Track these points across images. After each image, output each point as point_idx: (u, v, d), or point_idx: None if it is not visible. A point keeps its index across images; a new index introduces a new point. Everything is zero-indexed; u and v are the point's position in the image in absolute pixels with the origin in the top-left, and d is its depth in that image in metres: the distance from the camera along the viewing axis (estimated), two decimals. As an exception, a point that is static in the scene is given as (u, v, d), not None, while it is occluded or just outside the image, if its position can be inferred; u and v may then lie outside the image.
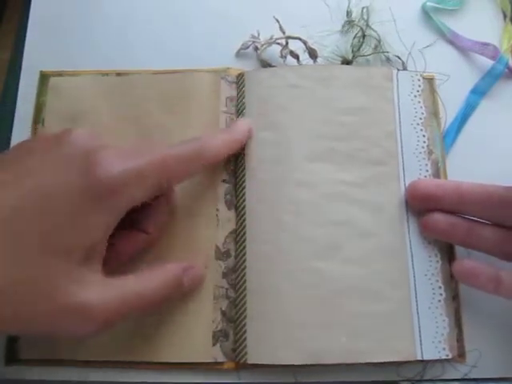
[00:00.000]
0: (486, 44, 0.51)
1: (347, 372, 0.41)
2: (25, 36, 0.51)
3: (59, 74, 0.49)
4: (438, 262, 0.43)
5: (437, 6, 0.53)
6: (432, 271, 0.43)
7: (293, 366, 0.40)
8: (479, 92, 0.50)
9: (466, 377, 0.42)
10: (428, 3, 0.53)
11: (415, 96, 0.47)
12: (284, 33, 0.49)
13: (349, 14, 0.52)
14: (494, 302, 0.43)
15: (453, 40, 0.52)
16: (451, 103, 0.49)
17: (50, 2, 0.52)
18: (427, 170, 0.45)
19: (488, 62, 0.51)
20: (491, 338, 0.43)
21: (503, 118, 0.49)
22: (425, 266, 0.43)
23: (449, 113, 0.48)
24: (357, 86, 0.47)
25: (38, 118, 0.48)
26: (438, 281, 0.42)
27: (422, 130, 0.46)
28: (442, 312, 0.42)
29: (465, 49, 0.51)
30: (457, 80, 0.49)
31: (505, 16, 0.53)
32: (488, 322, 0.43)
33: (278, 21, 0.49)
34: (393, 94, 0.47)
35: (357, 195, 0.44)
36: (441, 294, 0.42)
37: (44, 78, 0.49)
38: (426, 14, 0.53)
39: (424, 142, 0.46)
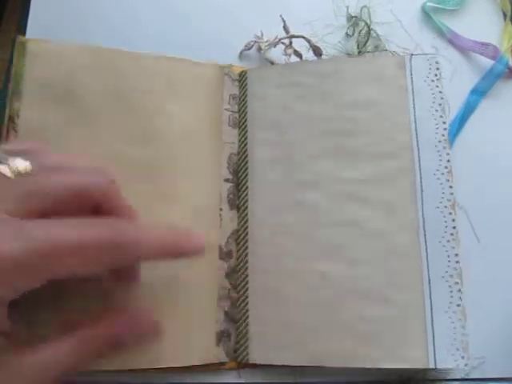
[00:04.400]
0: (486, 44, 0.51)
1: (347, 372, 0.41)
2: (24, 36, 0.51)
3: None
4: (457, 262, 0.41)
5: (437, 6, 0.53)
6: (450, 272, 0.40)
7: (294, 366, 0.40)
8: (479, 92, 0.50)
9: (466, 377, 0.42)
10: (428, 3, 0.53)
11: (432, 80, 0.45)
12: (288, 32, 0.49)
13: (349, 18, 0.52)
14: (495, 303, 0.43)
15: (453, 40, 0.52)
16: (451, 103, 0.49)
17: (50, 2, 0.52)
18: (448, 161, 0.43)
19: (488, 62, 0.51)
20: (492, 339, 0.43)
21: (503, 118, 0.49)
22: (442, 267, 0.40)
23: (449, 113, 0.48)
24: (365, 77, 0.45)
25: (16, 91, 0.42)
26: (457, 283, 0.40)
27: (441, 116, 0.44)
28: (460, 317, 0.40)
29: (465, 49, 0.52)
30: (457, 80, 0.50)
31: (505, 16, 0.53)
32: (489, 323, 0.43)
33: (283, 20, 0.49)
34: (406, 82, 0.45)
35: (365, 193, 0.42)
36: (460, 298, 0.40)
37: (22, 45, 0.44)
38: (426, 14, 0.53)
39: (444, 129, 0.44)
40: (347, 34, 0.51)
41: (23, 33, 0.51)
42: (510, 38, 0.51)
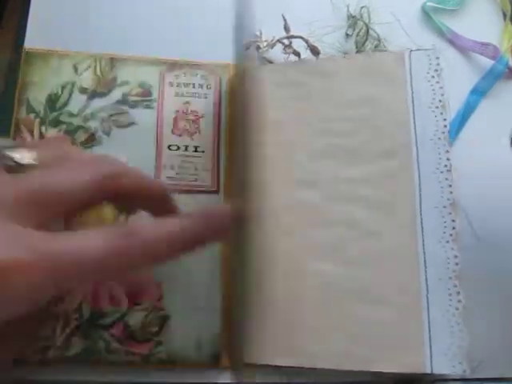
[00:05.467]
0: (486, 44, 0.51)
1: (344, 373, 0.40)
2: (24, 36, 0.51)
3: (49, 52, 0.47)
4: (456, 264, 0.40)
5: (437, 6, 0.53)
6: (449, 275, 0.39)
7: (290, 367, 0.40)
8: (479, 92, 0.50)
9: (465, 377, 0.41)
10: (428, 3, 0.53)
11: (432, 76, 0.44)
12: (289, 31, 0.49)
13: (349, 17, 0.52)
14: (495, 303, 0.43)
15: (453, 40, 0.52)
16: (451, 103, 0.48)
17: (50, 2, 0.52)
18: (448, 159, 0.42)
19: (488, 62, 0.51)
20: (492, 339, 0.42)
21: (503, 118, 0.49)
22: (440, 270, 0.40)
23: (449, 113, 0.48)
24: (362, 74, 0.45)
25: (21, 100, 0.45)
26: (455, 286, 0.39)
27: (441, 113, 0.43)
28: (459, 321, 0.39)
29: (465, 49, 0.51)
30: (457, 80, 0.49)
31: (505, 16, 0.53)
32: (488, 322, 0.43)
33: (284, 19, 0.49)
34: (405, 78, 0.44)
35: (363, 192, 0.42)
36: (459, 301, 0.39)
37: (29, 55, 0.47)
38: (426, 14, 0.53)
39: (445, 126, 0.43)
40: (347, 34, 0.51)
41: (23, 33, 0.51)
42: (510, 38, 0.51)
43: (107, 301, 0.40)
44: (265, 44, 0.49)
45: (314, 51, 0.48)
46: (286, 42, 0.49)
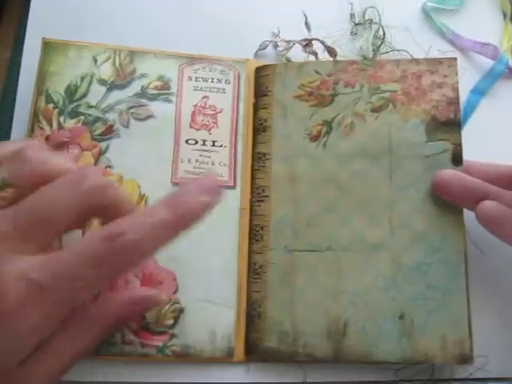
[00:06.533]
0: (486, 44, 0.51)
1: (358, 370, 0.42)
2: (24, 35, 0.49)
3: (68, 43, 0.46)
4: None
5: (437, 6, 0.53)
6: None
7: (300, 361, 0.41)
8: (479, 92, 0.50)
9: (468, 377, 0.42)
10: (428, 3, 0.53)
11: None
12: (309, 29, 0.49)
13: (352, 16, 0.52)
14: (500, 303, 0.44)
15: (453, 40, 0.52)
16: (451, 103, 0.49)
17: (50, 2, 0.50)
18: None
19: (488, 62, 0.51)
20: (495, 339, 0.43)
21: (503, 118, 0.50)
22: None
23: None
24: None
25: (40, 90, 0.45)
26: None
27: None
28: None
29: (465, 49, 0.52)
30: (457, 80, 0.50)
31: (505, 16, 0.53)
32: (492, 322, 0.43)
33: (305, 16, 0.49)
34: None
35: None
36: None
37: (47, 46, 0.46)
38: (427, 15, 0.53)
39: None
40: (352, 32, 0.51)
41: (23, 32, 0.49)
42: (510, 38, 0.52)
43: (123, 293, 0.40)
44: (282, 48, 0.49)
45: (331, 52, 0.48)
46: (303, 43, 0.49)
